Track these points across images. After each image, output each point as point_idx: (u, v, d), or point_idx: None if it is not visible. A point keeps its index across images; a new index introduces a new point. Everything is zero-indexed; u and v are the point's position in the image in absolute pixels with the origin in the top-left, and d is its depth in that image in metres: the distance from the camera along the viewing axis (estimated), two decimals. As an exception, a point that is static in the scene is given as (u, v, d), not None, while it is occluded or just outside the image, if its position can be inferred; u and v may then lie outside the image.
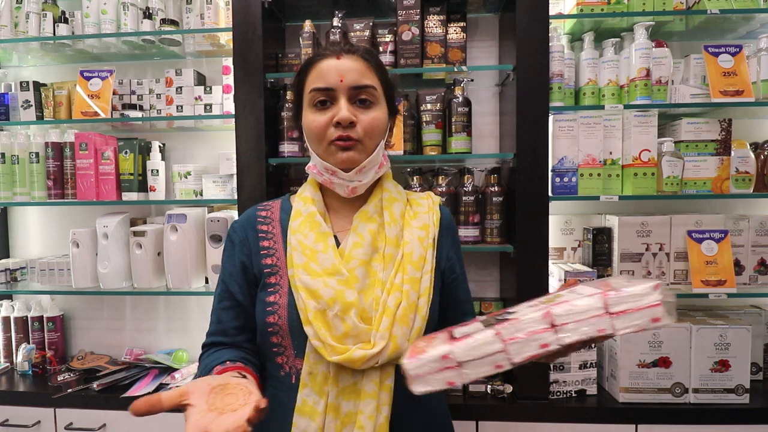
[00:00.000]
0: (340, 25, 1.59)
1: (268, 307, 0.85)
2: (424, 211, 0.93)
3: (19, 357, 1.77)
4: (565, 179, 1.54)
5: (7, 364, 1.84)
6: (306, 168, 0.93)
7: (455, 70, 1.58)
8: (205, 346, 0.91)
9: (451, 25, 1.62)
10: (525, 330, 0.63)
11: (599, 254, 1.60)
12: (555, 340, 0.62)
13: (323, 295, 0.80)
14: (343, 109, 0.82)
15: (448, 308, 0.95)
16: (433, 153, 1.59)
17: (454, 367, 0.64)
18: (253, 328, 0.89)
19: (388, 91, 0.90)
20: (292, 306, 0.84)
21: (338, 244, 0.88)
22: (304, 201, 0.91)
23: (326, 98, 0.84)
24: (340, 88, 0.83)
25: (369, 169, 0.87)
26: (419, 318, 0.83)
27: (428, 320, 0.85)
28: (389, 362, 0.81)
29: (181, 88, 1.78)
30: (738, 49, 1.52)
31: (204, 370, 0.83)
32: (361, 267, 0.83)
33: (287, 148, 1.61)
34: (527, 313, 0.65)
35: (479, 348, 0.64)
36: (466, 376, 0.64)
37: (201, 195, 1.74)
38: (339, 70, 0.83)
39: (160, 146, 1.81)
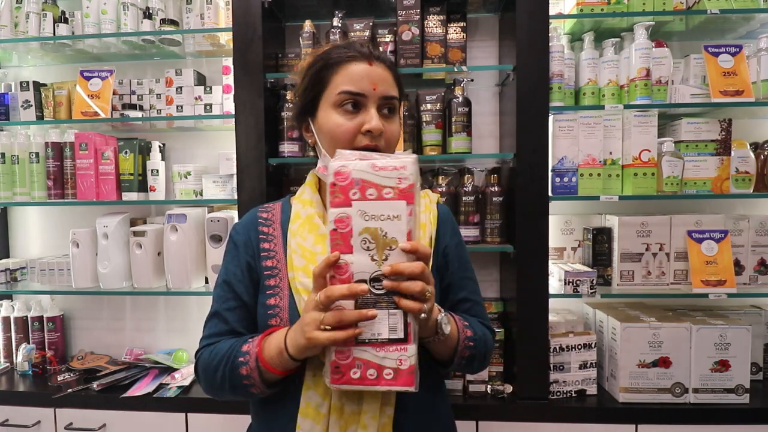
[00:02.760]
0: (340, 25, 1.59)
1: (269, 310, 0.86)
2: (421, 210, 0.92)
3: (19, 357, 1.77)
4: (565, 179, 1.54)
5: (7, 364, 1.84)
6: (315, 170, 0.92)
7: (455, 70, 1.58)
8: (210, 340, 0.88)
9: (451, 25, 1.62)
10: None
11: (599, 254, 1.60)
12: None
13: None
14: (375, 118, 0.82)
15: (452, 307, 0.94)
16: (433, 153, 1.59)
17: None
18: (254, 327, 0.89)
19: (402, 100, 0.92)
20: (293, 308, 0.84)
21: None
22: (303, 203, 0.91)
23: (355, 103, 0.84)
24: (371, 96, 0.83)
25: None
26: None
27: None
28: None
29: (181, 88, 1.78)
30: (738, 49, 1.52)
31: (233, 349, 0.82)
32: None
33: (287, 148, 1.61)
34: None
35: None
36: None
37: (201, 195, 1.74)
38: (372, 77, 0.83)
39: (160, 146, 1.81)
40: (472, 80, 1.71)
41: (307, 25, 1.61)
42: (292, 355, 0.75)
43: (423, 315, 0.70)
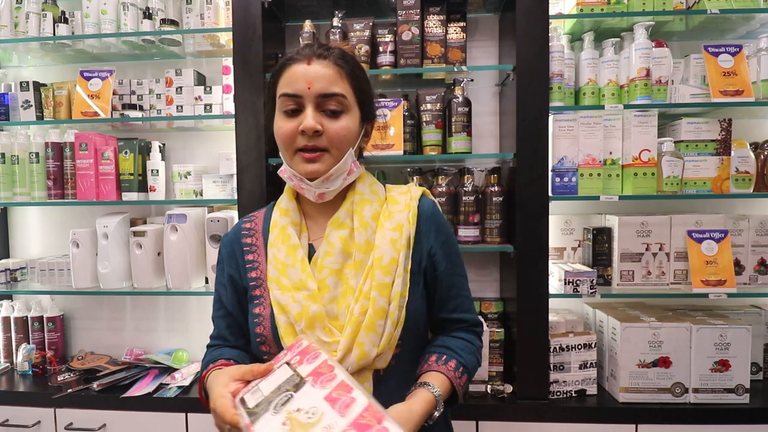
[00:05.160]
0: (339, 25, 1.59)
1: (255, 318, 0.89)
2: (399, 209, 0.90)
3: (19, 357, 1.77)
4: (565, 179, 1.54)
5: (7, 364, 1.84)
6: (278, 171, 0.93)
7: (455, 70, 1.58)
8: (210, 346, 0.97)
9: (451, 25, 1.62)
10: None
11: (599, 254, 1.60)
12: None
13: (291, 311, 0.83)
14: (308, 117, 0.82)
15: (432, 307, 0.93)
16: (433, 153, 1.59)
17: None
18: (247, 335, 0.93)
19: (362, 97, 0.88)
20: (273, 318, 0.86)
21: (312, 254, 0.89)
22: (281, 212, 0.92)
23: (295, 105, 0.83)
24: (307, 96, 0.82)
25: (336, 177, 0.87)
26: (390, 323, 0.82)
27: (407, 322, 0.84)
28: (364, 368, 0.82)
29: (181, 88, 1.78)
30: (738, 49, 1.52)
31: (203, 367, 0.92)
32: (332, 276, 0.84)
33: (287, 148, 1.61)
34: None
35: None
36: None
37: (201, 195, 1.74)
38: (307, 76, 0.82)
39: (160, 146, 1.81)
40: (472, 80, 1.71)
41: (307, 25, 1.61)
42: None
43: None
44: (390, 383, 0.85)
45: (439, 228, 0.92)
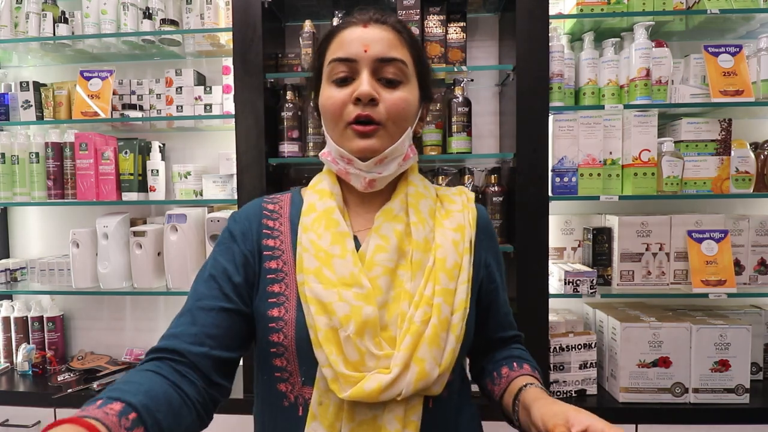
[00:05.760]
0: (340, 25, 1.59)
1: (271, 323, 0.70)
2: (457, 209, 0.78)
3: (19, 357, 1.77)
4: (565, 179, 1.54)
5: (7, 364, 1.84)
6: (320, 155, 0.79)
7: (455, 70, 1.57)
8: (156, 351, 0.66)
9: (451, 25, 1.62)
10: None
11: (599, 254, 1.60)
12: None
13: (336, 311, 0.65)
14: (364, 83, 0.69)
15: (486, 324, 0.82)
16: (433, 153, 1.59)
17: None
18: (234, 343, 0.70)
19: (422, 70, 0.77)
20: (301, 324, 0.69)
21: (357, 247, 0.73)
22: (321, 194, 0.76)
23: (348, 72, 0.71)
24: (363, 60, 0.70)
25: (391, 159, 0.73)
26: (453, 338, 0.69)
27: (463, 340, 0.71)
28: (417, 394, 0.66)
29: (181, 88, 1.78)
30: (738, 49, 1.52)
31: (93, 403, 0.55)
32: (385, 276, 0.69)
33: (287, 148, 1.61)
34: None
35: None
36: None
37: (201, 195, 1.74)
38: (364, 39, 0.71)
39: (160, 146, 1.81)
40: (472, 80, 1.71)
41: (307, 25, 1.61)
42: None
43: None
44: (437, 417, 0.71)
45: (493, 237, 0.83)
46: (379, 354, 0.65)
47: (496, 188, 1.57)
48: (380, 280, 0.69)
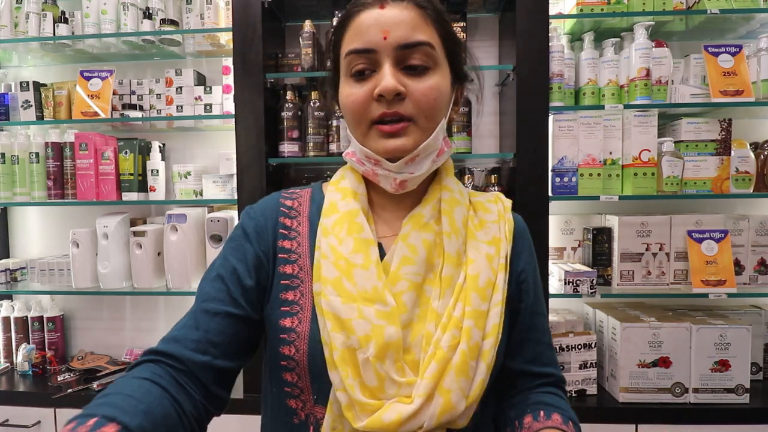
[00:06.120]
0: (340, 25, 1.59)
1: (283, 334, 0.63)
2: (492, 219, 0.70)
3: (19, 357, 1.77)
4: (565, 179, 1.54)
5: (7, 364, 1.84)
6: (344, 154, 0.71)
7: (455, 70, 1.57)
8: (154, 353, 0.60)
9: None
10: None
11: (599, 254, 1.60)
12: None
13: (355, 329, 0.59)
14: (386, 76, 0.60)
15: (515, 350, 0.70)
16: (433, 153, 1.59)
17: None
18: (238, 352, 0.64)
19: (453, 49, 0.66)
20: (315, 338, 0.62)
21: (382, 255, 0.65)
22: (343, 193, 0.68)
23: (367, 64, 0.62)
24: (383, 49, 0.60)
25: (424, 157, 0.64)
26: (483, 367, 0.61)
27: (494, 369, 0.63)
28: (440, 427, 0.58)
29: (181, 88, 1.78)
30: (738, 49, 1.52)
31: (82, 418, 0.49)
32: (411, 291, 0.62)
33: (287, 148, 1.61)
34: None
35: None
36: None
37: (201, 195, 1.74)
38: (382, 23, 0.60)
39: (160, 146, 1.81)
40: (472, 80, 1.71)
41: (307, 25, 1.61)
42: None
43: None
44: None
45: (531, 250, 0.73)
46: (400, 381, 0.58)
47: (496, 188, 1.57)
48: (405, 296, 0.61)
